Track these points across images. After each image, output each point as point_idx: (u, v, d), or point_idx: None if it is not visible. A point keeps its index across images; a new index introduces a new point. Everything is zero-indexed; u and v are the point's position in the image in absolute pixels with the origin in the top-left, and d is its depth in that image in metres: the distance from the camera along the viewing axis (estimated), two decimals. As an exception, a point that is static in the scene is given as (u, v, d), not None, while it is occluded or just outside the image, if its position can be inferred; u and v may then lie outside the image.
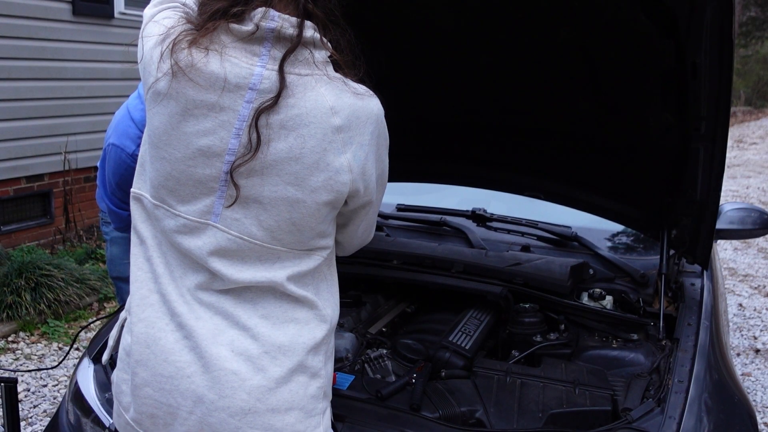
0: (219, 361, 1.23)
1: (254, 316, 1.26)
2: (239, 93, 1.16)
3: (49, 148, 5.38)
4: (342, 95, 1.20)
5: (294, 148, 1.17)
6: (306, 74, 1.18)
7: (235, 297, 1.26)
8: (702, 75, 1.71)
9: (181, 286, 1.26)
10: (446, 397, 1.74)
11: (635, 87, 2.03)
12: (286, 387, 1.25)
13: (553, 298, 2.19)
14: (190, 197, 1.22)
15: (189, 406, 1.24)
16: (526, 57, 2.08)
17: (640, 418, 1.56)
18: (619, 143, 2.23)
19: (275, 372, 1.24)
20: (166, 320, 1.26)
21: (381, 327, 2.22)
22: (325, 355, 1.33)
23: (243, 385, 1.22)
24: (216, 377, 1.23)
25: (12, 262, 4.46)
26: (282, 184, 1.19)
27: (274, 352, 1.25)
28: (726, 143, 1.77)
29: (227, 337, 1.24)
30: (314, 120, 1.17)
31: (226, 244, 1.22)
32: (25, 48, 5.05)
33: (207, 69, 1.16)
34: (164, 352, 1.25)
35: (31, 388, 3.61)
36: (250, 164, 1.17)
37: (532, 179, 2.57)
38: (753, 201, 8.92)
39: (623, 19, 1.83)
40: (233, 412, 1.22)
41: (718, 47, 1.59)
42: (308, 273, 1.29)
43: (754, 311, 5.08)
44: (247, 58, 1.16)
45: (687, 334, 1.85)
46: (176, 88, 1.18)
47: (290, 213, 1.21)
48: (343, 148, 1.20)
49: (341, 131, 1.19)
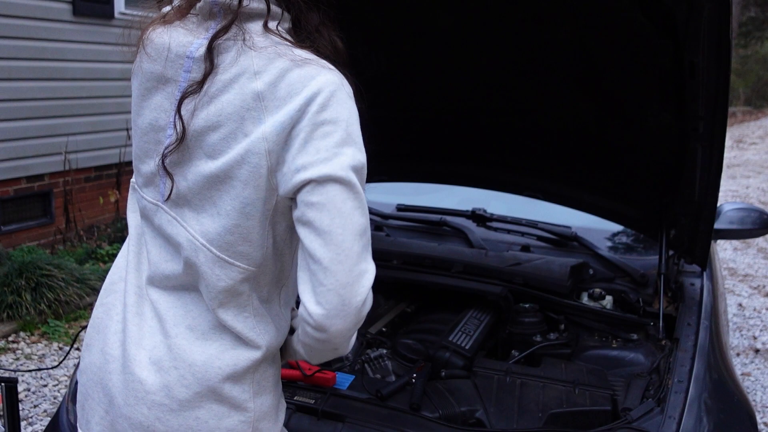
0: (133, 365, 1.15)
1: (181, 324, 1.15)
2: (179, 62, 1.11)
3: (49, 148, 5.38)
4: (276, 60, 1.06)
5: (211, 116, 1.08)
6: (248, 42, 1.08)
7: (176, 299, 1.17)
8: (700, 75, 1.71)
9: (141, 277, 1.22)
10: (446, 397, 1.74)
11: (634, 86, 2.03)
12: (191, 413, 1.13)
13: (553, 298, 2.20)
14: (147, 177, 1.19)
15: (105, 405, 1.20)
16: (526, 57, 2.08)
17: (639, 417, 1.56)
18: (618, 143, 2.24)
19: (180, 393, 1.13)
20: (118, 309, 1.22)
21: (381, 327, 2.22)
22: (253, 387, 1.16)
23: (146, 397, 1.14)
24: (127, 381, 1.16)
25: (12, 262, 4.46)
26: (202, 157, 1.10)
27: (183, 370, 1.13)
28: (724, 143, 1.77)
29: (151, 341, 1.16)
30: (236, 85, 1.06)
31: (170, 228, 1.16)
32: (25, 48, 5.05)
33: (158, 40, 1.14)
34: (104, 342, 1.22)
35: (31, 388, 3.61)
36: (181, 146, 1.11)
37: (531, 179, 2.57)
38: (753, 201, 8.92)
39: (621, 18, 1.84)
40: (133, 424, 1.15)
41: (715, 47, 1.60)
42: (226, 291, 1.12)
43: (753, 311, 5.08)
44: (197, 33, 1.12)
45: (687, 334, 1.86)
46: (138, 63, 1.18)
47: (210, 191, 1.11)
48: (262, 116, 1.05)
49: (262, 98, 1.05)
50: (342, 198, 1.04)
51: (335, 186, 1.03)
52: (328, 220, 1.03)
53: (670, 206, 2.22)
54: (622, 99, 2.10)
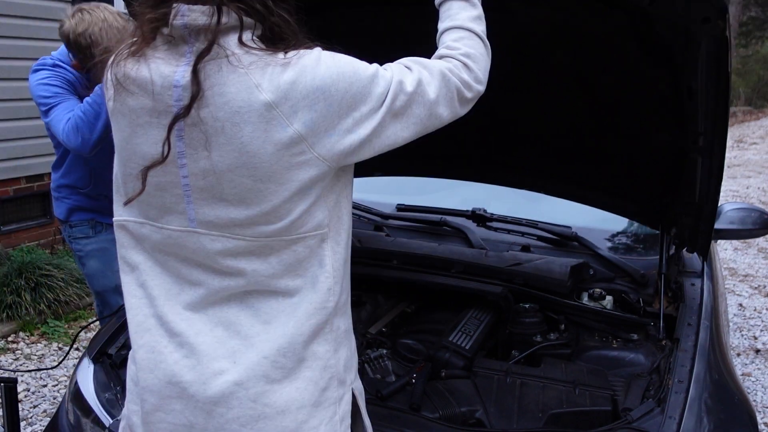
0: (221, 376, 1.20)
1: (256, 323, 1.22)
2: (167, 93, 1.13)
3: (49, 148, 5.28)
4: (267, 69, 1.10)
5: (233, 140, 1.10)
6: (232, 59, 1.11)
7: (237, 303, 1.23)
8: (698, 97, 1.71)
9: (177, 304, 1.24)
10: (446, 397, 1.74)
11: (631, 108, 2.05)
12: (292, 385, 1.22)
13: (553, 298, 2.19)
14: (164, 208, 1.20)
15: (202, 422, 1.22)
16: (526, 75, 2.09)
17: (640, 418, 1.56)
18: (618, 152, 2.25)
19: (277, 375, 1.21)
20: (165, 342, 1.24)
21: (381, 327, 2.22)
22: (333, 340, 1.27)
23: (247, 393, 1.20)
24: (220, 392, 1.20)
25: (12, 262, 4.46)
26: (238, 178, 1.13)
27: (274, 357, 1.21)
28: (724, 156, 1.78)
29: (227, 348, 1.22)
30: (243, 103, 1.09)
31: (212, 245, 1.20)
32: (25, 48, 5.05)
33: (138, 75, 1.14)
34: (167, 375, 1.23)
35: (31, 388, 3.61)
36: (198, 166, 1.14)
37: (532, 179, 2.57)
38: (753, 201, 8.92)
39: (617, 47, 1.85)
40: (244, 422, 1.20)
41: (714, 75, 1.59)
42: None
43: (754, 311, 5.07)
44: (175, 60, 1.13)
45: (687, 334, 1.85)
46: (120, 101, 1.18)
47: (258, 205, 1.15)
48: (288, 120, 1.10)
49: (276, 106, 1.09)
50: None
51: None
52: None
53: (671, 206, 2.22)
54: (621, 119, 2.12)
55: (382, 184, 3.00)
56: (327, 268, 1.23)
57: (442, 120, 1.26)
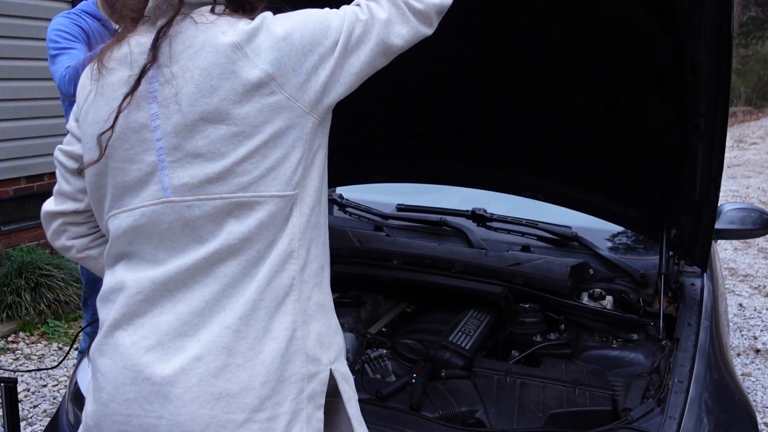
0: (182, 352, 1.18)
1: (222, 295, 1.20)
2: (143, 58, 1.18)
3: (49, 148, 5.35)
4: (232, 24, 1.18)
5: (203, 86, 1.14)
6: (200, 19, 1.19)
7: (203, 277, 1.20)
8: (701, 71, 1.70)
9: (144, 283, 1.21)
10: (446, 397, 1.74)
11: (633, 82, 2.02)
12: (257, 358, 1.18)
13: (553, 298, 2.19)
14: (139, 182, 1.20)
15: (157, 410, 1.17)
16: (524, 51, 2.08)
17: (640, 418, 1.56)
18: (619, 140, 2.23)
19: (240, 347, 1.19)
20: (124, 325, 1.22)
21: (381, 327, 2.22)
22: (301, 311, 1.25)
23: (208, 368, 1.17)
24: (179, 368, 1.17)
25: (12, 262, 4.46)
26: (210, 126, 1.16)
27: (237, 326, 1.18)
28: (725, 140, 1.76)
29: (191, 325, 1.20)
30: (210, 48, 1.15)
31: (188, 212, 1.19)
32: (25, 48, 5.05)
33: (119, 53, 1.22)
34: (123, 358, 1.20)
35: (31, 388, 3.61)
36: (170, 123, 1.16)
37: (531, 178, 2.56)
38: (753, 201, 8.92)
39: (621, 13, 1.83)
40: (203, 402, 1.15)
41: (716, 43, 1.59)
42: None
43: (754, 311, 5.07)
44: (153, 32, 1.20)
45: (687, 334, 1.85)
46: (100, 82, 1.23)
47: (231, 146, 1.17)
48: (254, 62, 1.15)
49: (240, 48, 1.15)
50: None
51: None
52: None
53: (671, 206, 2.21)
54: (622, 95, 2.09)
55: (381, 184, 3.00)
56: (289, 230, 1.21)
57: (404, 38, 1.30)
